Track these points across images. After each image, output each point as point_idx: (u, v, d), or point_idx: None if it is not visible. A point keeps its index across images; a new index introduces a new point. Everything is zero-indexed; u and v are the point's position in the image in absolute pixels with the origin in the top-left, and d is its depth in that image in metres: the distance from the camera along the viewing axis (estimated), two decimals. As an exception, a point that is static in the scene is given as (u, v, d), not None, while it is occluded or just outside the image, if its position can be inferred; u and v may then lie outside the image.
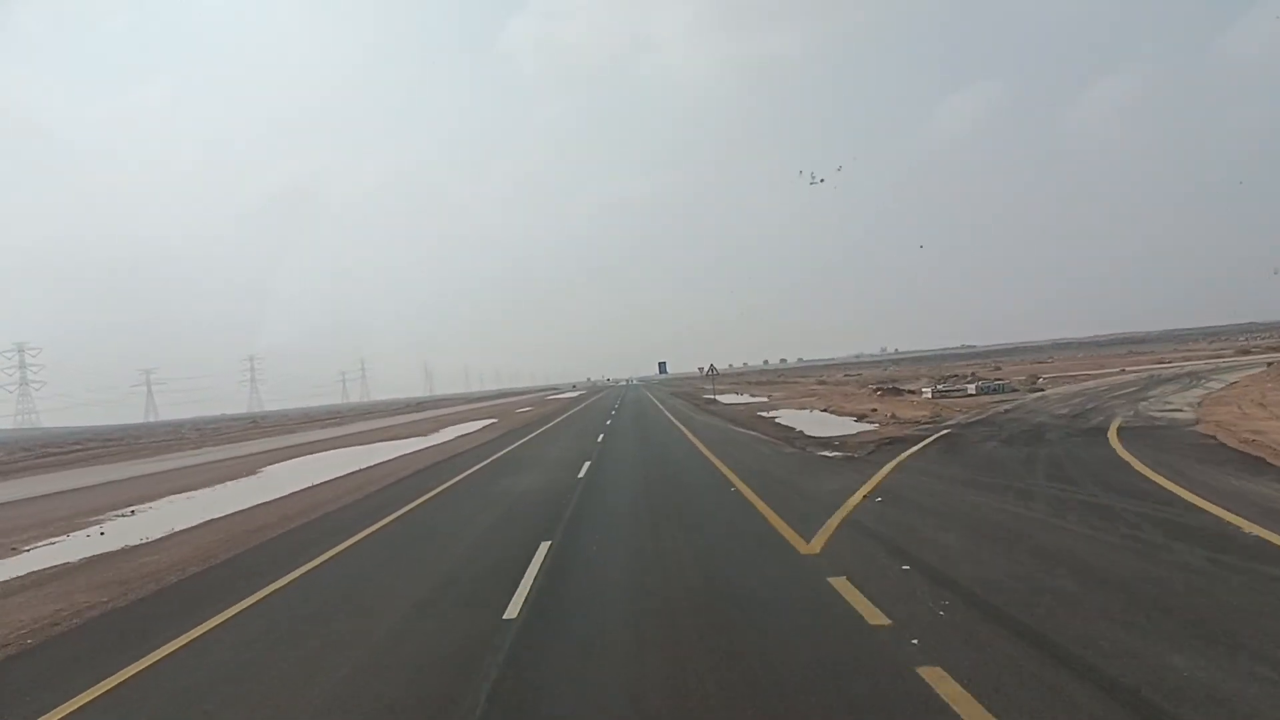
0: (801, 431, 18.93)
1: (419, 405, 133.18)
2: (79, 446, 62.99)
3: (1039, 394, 25.83)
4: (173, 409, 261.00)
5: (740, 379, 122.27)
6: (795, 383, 68.06)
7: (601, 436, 23.42)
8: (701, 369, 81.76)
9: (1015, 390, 28.35)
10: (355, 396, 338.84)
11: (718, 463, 13.99)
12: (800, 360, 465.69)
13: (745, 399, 43.93)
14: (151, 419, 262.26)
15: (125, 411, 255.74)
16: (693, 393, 60.62)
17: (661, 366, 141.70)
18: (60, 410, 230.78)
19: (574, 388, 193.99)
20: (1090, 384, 29.26)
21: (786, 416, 24.98)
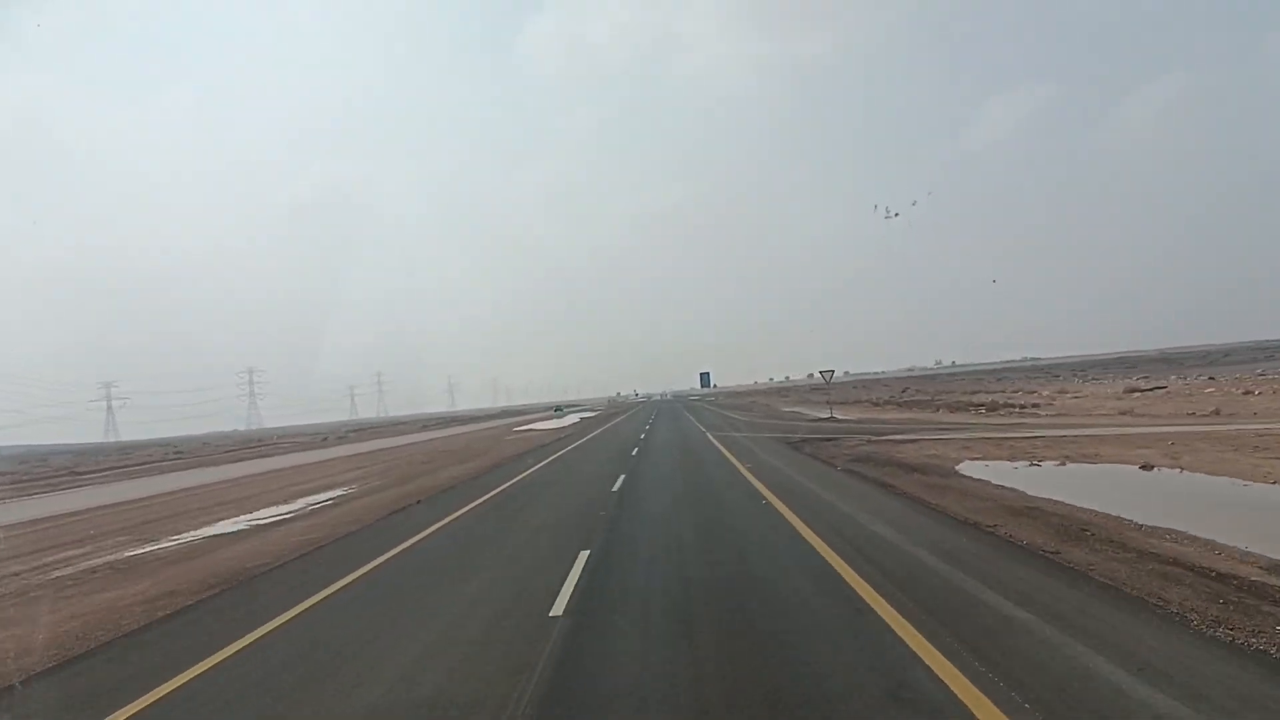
0: None
1: (359, 432, 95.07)
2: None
3: None
4: (143, 427, 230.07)
5: (822, 395, 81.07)
6: (949, 416, 27.72)
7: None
8: (816, 376, 40.88)
9: None
10: (371, 412, 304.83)
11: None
12: (847, 374, 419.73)
13: None
14: (111, 438, 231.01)
15: (84, 430, 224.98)
16: (830, 433, 20.42)
17: (704, 378, 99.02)
18: (10, 429, 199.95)
19: (558, 411, 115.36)
20: None
21: None
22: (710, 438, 25.92)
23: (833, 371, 32.15)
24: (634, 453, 21.69)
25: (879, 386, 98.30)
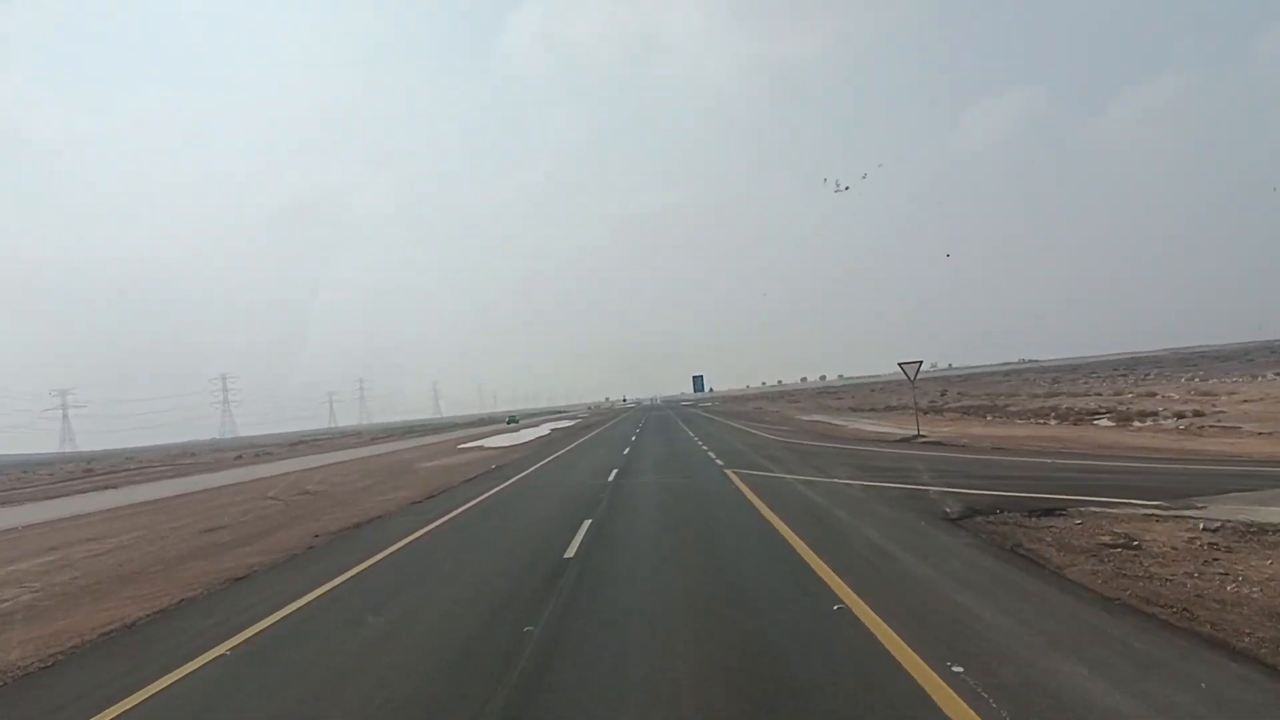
0: None
1: (296, 446, 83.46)
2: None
3: None
4: (118, 436, 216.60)
5: (836, 400, 68.96)
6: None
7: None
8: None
9: None
10: (354, 418, 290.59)
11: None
12: (840, 378, 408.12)
13: None
14: (68, 448, 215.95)
15: (44, 439, 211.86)
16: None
17: (698, 382, 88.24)
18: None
19: (512, 422, 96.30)
20: None
21: None
22: (744, 491, 13.37)
23: (920, 364, 20.27)
24: (573, 546, 9.47)
25: (901, 390, 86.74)
